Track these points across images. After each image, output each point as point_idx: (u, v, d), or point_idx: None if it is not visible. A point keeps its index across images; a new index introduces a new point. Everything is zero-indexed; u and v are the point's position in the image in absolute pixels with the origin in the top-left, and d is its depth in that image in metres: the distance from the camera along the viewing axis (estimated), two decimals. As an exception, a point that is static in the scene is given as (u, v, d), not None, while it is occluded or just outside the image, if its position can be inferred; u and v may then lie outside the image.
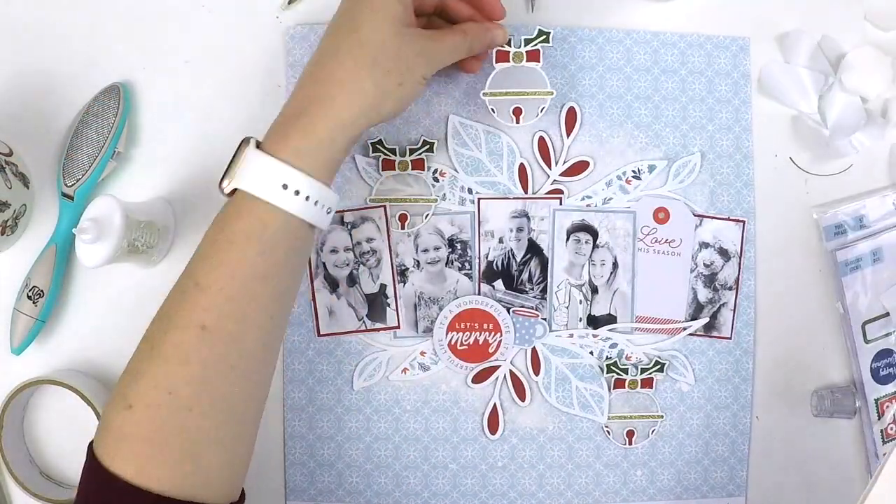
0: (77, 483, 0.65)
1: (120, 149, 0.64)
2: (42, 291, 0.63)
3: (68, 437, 0.66)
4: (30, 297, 0.63)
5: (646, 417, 0.68)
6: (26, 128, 0.66)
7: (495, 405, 0.67)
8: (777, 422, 0.69)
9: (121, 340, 0.65)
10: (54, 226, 0.64)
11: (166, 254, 0.66)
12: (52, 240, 0.64)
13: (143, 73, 0.66)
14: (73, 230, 0.56)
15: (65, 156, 0.63)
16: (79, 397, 0.61)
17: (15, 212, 0.62)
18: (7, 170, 0.61)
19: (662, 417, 0.68)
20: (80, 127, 0.63)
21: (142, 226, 0.60)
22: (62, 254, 0.64)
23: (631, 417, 0.67)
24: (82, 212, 0.58)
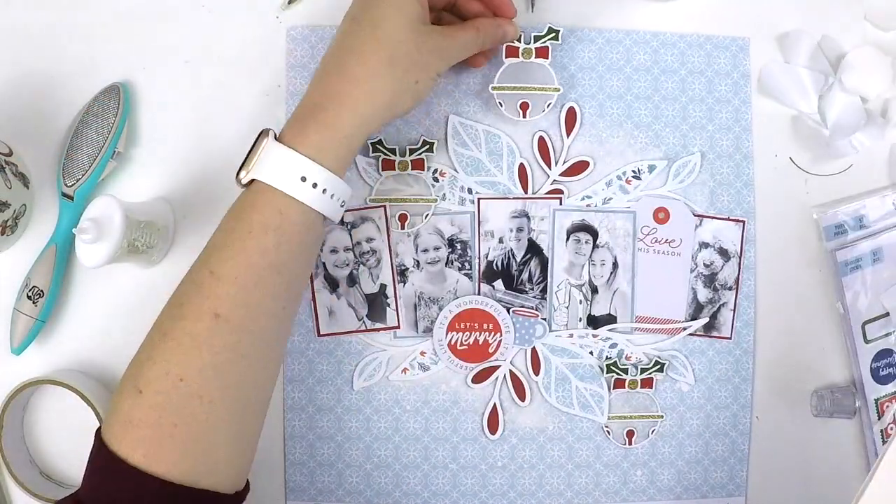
0: (77, 483, 0.66)
1: (120, 149, 0.64)
2: (42, 291, 0.63)
3: (68, 437, 0.66)
4: (30, 297, 0.63)
5: (646, 417, 0.67)
6: (26, 128, 0.66)
7: (495, 405, 0.67)
8: (777, 422, 0.69)
9: (121, 340, 0.65)
10: (54, 226, 0.64)
11: (166, 254, 0.66)
12: (52, 240, 0.64)
13: (143, 73, 0.66)
14: (73, 230, 0.56)
15: (65, 156, 0.63)
16: (79, 397, 0.61)
17: (15, 212, 0.62)
18: (7, 170, 0.61)
19: (662, 417, 0.68)
20: (80, 127, 0.63)
21: (142, 226, 0.60)
22: (62, 254, 0.64)
23: (631, 417, 0.67)
24: (82, 212, 0.58)
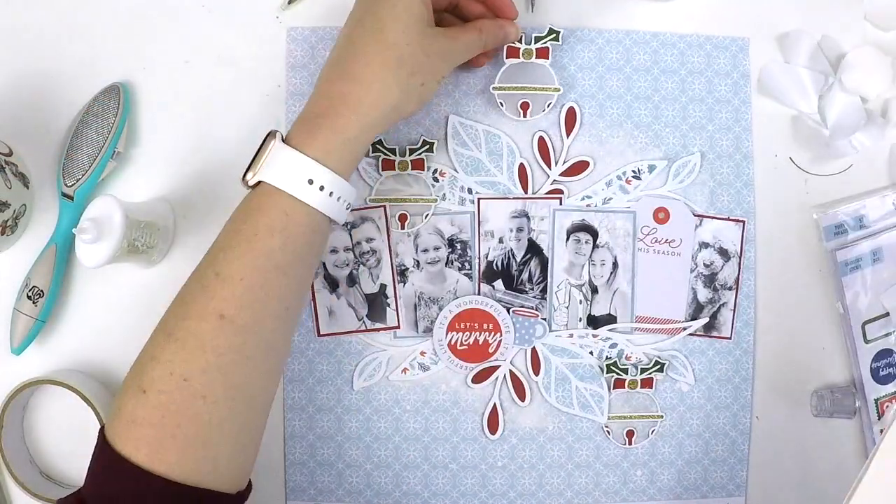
0: (77, 483, 0.66)
1: (120, 149, 0.64)
2: (42, 291, 0.63)
3: (68, 437, 0.66)
4: (30, 297, 0.63)
5: (646, 417, 0.67)
6: (26, 128, 0.65)
7: (495, 405, 0.67)
8: (777, 422, 0.69)
9: (121, 340, 0.65)
10: (54, 226, 0.64)
11: (166, 254, 0.66)
12: (52, 240, 0.64)
13: (143, 73, 0.66)
14: (73, 230, 0.56)
15: (65, 156, 0.63)
16: (79, 397, 0.61)
17: (15, 212, 0.62)
18: (7, 170, 0.61)
19: (662, 417, 0.68)
20: (80, 127, 0.63)
21: (142, 226, 0.60)
22: (62, 254, 0.64)
23: (631, 417, 0.67)
24: (82, 212, 0.58)
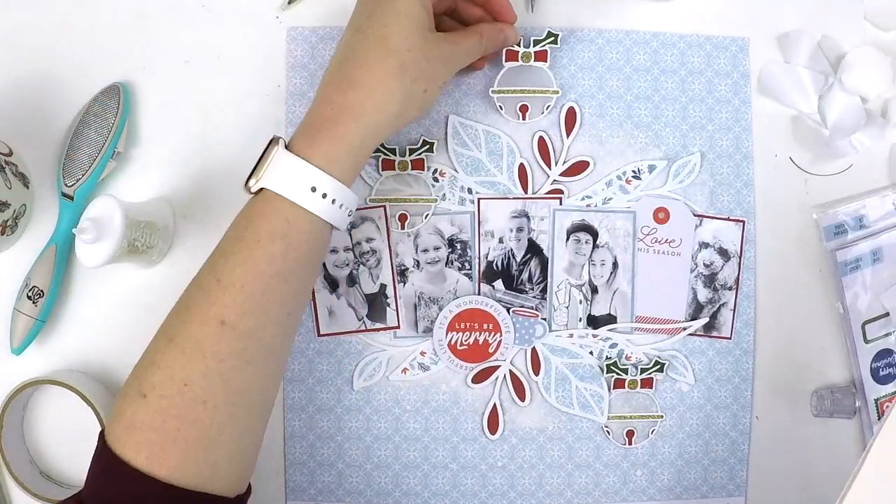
0: (77, 483, 0.66)
1: (120, 149, 0.64)
2: (42, 291, 0.63)
3: (68, 437, 0.66)
4: (30, 297, 0.63)
5: (646, 417, 0.67)
6: (26, 128, 0.66)
7: (495, 405, 0.67)
8: (777, 422, 0.69)
9: (121, 340, 0.65)
10: (54, 226, 0.64)
11: (166, 254, 0.66)
12: (52, 240, 0.64)
13: (143, 73, 0.66)
14: (73, 230, 0.56)
15: (65, 156, 0.63)
16: (79, 397, 0.61)
17: (15, 212, 0.62)
18: (7, 170, 0.61)
19: (662, 417, 0.68)
20: (80, 127, 0.63)
21: (142, 226, 0.60)
22: (62, 254, 0.64)
23: (631, 417, 0.67)
24: (82, 212, 0.58)
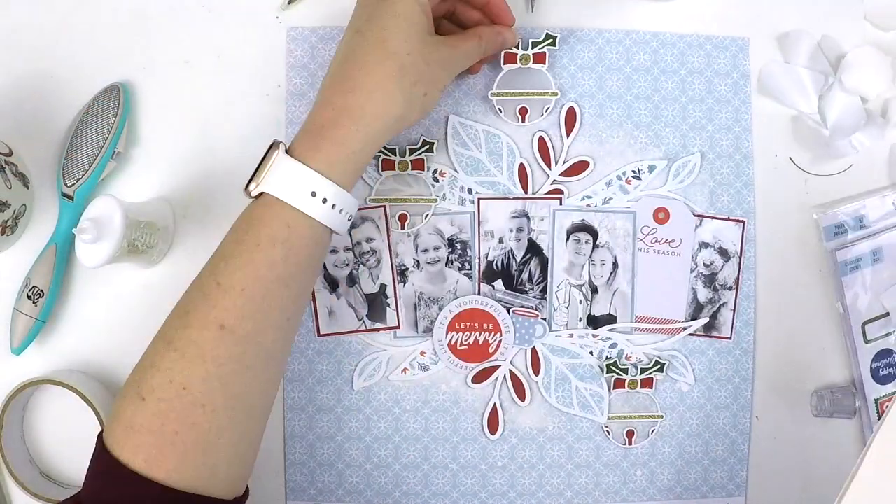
0: (77, 483, 0.66)
1: (120, 149, 0.64)
2: (42, 291, 0.63)
3: (68, 437, 0.66)
4: (30, 297, 0.63)
5: (646, 417, 0.67)
6: (26, 128, 0.66)
7: (495, 405, 0.67)
8: (777, 422, 0.69)
9: (121, 340, 0.65)
10: (54, 226, 0.64)
11: (166, 254, 0.66)
12: (52, 240, 0.64)
13: (143, 73, 0.66)
14: (73, 230, 0.56)
15: (65, 156, 0.63)
16: (79, 397, 0.61)
17: (15, 212, 0.62)
18: (7, 170, 0.61)
19: (662, 417, 0.68)
20: (80, 127, 0.63)
21: (142, 226, 0.60)
22: (62, 254, 0.64)
23: (631, 417, 0.67)
24: (82, 212, 0.58)
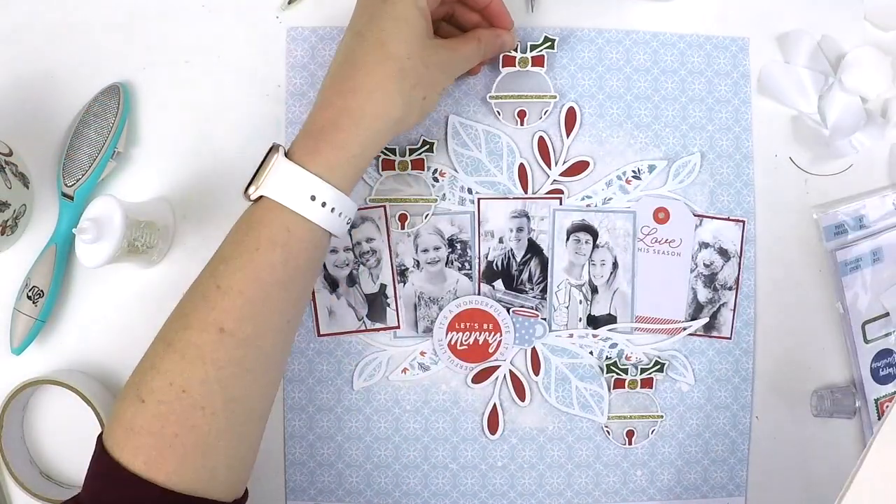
0: (77, 483, 0.66)
1: (120, 149, 0.64)
2: (42, 291, 0.63)
3: (68, 437, 0.66)
4: (30, 297, 0.63)
5: (646, 417, 0.67)
6: (26, 128, 0.66)
7: (495, 405, 0.67)
8: (777, 422, 0.69)
9: (121, 340, 0.65)
10: (54, 226, 0.64)
11: (166, 254, 0.66)
12: (52, 240, 0.64)
13: (143, 73, 0.66)
14: (73, 230, 0.56)
15: (65, 156, 0.63)
16: (79, 397, 0.61)
17: (15, 212, 0.62)
18: (7, 170, 0.61)
19: (662, 417, 0.68)
20: (80, 127, 0.63)
21: (142, 226, 0.60)
22: (62, 254, 0.64)
23: (631, 417, 0.67)
24: (82, 212, 0.58)
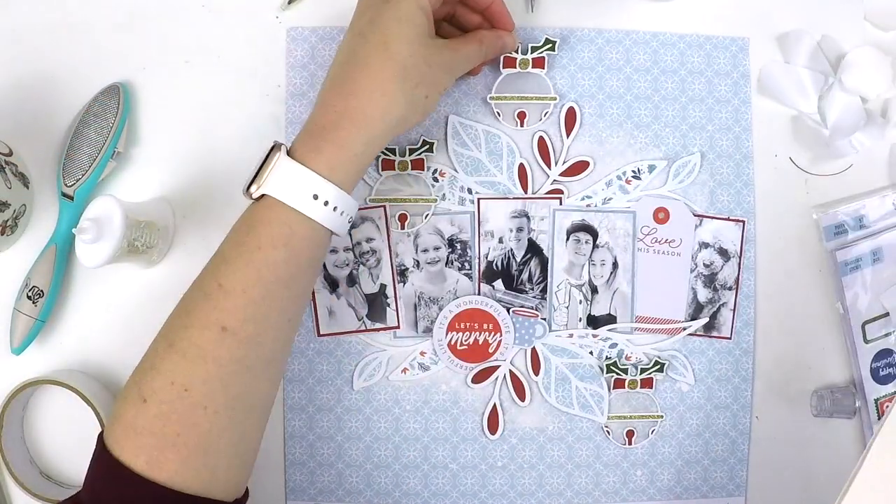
0: (77, 483, 0.66)
1: (120, 149, 0.64)
2: (42, 291, 0.63)
3: (68, 437, 0.66)
4: (30, 297, 0.63)
5: (646, 417, 0.67)
6: (26, 128, 0.66)
7: (495, 405, 0.67)
8: (777, 422, 0.69)
9: (121, 340, 0.65)
10: (54, 226, 0.64)
11: (166, 254, 0.66)
12: (52, 240, 0.64)
13: (143, 73, 0.66)
14: (73, 230, 0.56)
15: (65, 156, 0.63)
16: (79, 397, 0.61)
17: (15, 212, 0.62)
18: (7, 170, 0.61)
19: (662, 417, 0.68)
20: (80, 127, 0.63)
21: (142, 226, 0.60)
22: (62, 254, 0.64)
23: (631, 417, 0.67)
24: (82, 212, 0.58)
